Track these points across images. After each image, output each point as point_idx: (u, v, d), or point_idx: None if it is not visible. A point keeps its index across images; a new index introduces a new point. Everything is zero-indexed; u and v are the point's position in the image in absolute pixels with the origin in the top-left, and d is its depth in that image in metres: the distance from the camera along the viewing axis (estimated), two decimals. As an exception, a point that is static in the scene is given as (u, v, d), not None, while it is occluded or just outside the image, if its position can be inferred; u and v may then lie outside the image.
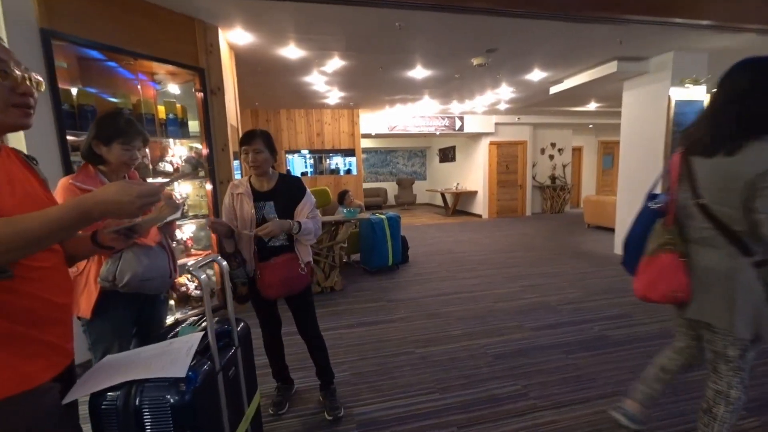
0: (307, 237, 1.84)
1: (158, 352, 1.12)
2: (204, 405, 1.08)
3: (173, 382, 1.02)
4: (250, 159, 1.77)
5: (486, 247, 6.17)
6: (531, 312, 3.33)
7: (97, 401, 1.01)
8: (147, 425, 1.01)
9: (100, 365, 1.10)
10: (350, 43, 4.01)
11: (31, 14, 2.29)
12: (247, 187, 1.85)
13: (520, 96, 6.93)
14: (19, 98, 0.81)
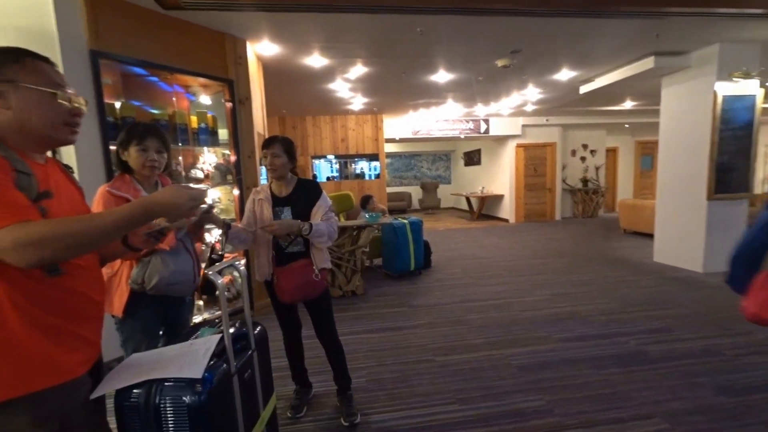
0: (319, 239, 1.83)
1: (178, 353, 1.16)
2: (219, 406, 1.11)
3: (190, 383, 1.05)
4: (268, 162, 1.83)
5: (512, 252, 6.00)
6: (559, 322, 3.20)
7: (121, 398, 1.06)
8: (165, 423, 1.05)
9: (125, 363, 1.16)
10: (372, 50, 4.05)
11: (82, 38, 2.49)
12: (268, 193, 1.91)
13: (548, 96, 6.73)
14: (71, 118, 0.92)
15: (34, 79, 0.84)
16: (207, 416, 1.06)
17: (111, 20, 2.62)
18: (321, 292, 1.91)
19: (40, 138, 0.88)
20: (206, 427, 1.06)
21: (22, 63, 0.84)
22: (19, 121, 0.83)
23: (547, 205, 9.68)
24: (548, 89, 6.15)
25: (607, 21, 3.43)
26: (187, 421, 1.05)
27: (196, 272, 1.70)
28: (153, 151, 1.57)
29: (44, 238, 0.75)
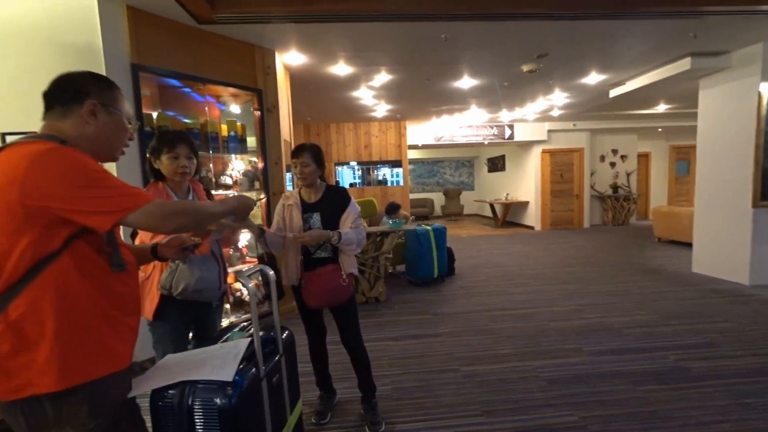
0: (349, 247, 1.87)
1: (210, 355, 1.19)
2: (248, 410, 1.12)
3: (221, 386, 1.07)
4: (298, 171, 1.87)
5: (538, 260, 5.83)
6: (591, 334, 3.06)
7: (157, 397, 1.09)
8: (197, 425, 1.07)
9: (160, 364, 1.20)
10: (397, 58, 4.08)
11: (125, 52, 2.64)
12: (297, 199, 1.94)
13: (575, 101, 6.55)
14: (127, 142, 1.07)
15: (121, 106, 1.02)
16: (237, 419, 1.07)
17: (150, 35, 2.76)
18: (348, 297, 1.91)
19: (103, 152, 1.01)
20: (236, 429, 1.08)
21: (112, 91, 1.01)
22: (98, 136, 0.97)
23: (574, 212, 9.38)
24: (576, 93, 6.00)
25: (639, 22, 3.32)
26: (218, 423, 1.06)
27: (221, 279, 1.74)
28: (183, 158, 1.61)
29: (185, 210, 0.98)
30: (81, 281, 0.88)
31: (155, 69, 2.81)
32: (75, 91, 0.95)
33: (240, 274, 1.26)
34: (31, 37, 2.48)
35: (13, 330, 0.83)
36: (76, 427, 0.87)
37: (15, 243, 0.82)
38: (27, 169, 0.80)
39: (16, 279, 0.82)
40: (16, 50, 2.48)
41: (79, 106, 0.94)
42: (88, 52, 2.52)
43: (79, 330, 0.87)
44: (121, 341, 0.96)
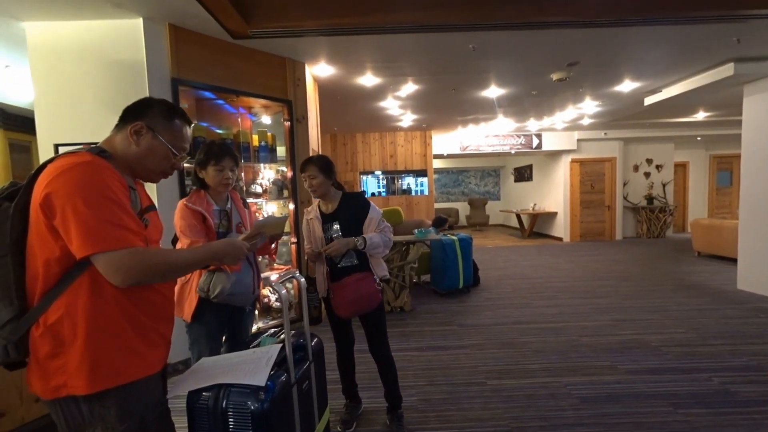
0: (376, 250, 1.86)
1: (242, 360, 1.22)
2: (279, 415, 1.14)
3: (254, 390, 1.10)
4: (307, 185, 1.90)
5: (568, 273, 5.63)
6: (625, 351, 2.92)
7: (193, 399, 1.13)
8: (231, 427, 1.10)
9: (195, 367, 1.24)
10: (424, 68, 4.11)
11: (166, 68, 2.81)
12: (317, 212, 1.97)
13: (607, 109, 6.36)
14: (170, 171, 1.10)
15: (168, 137, 1.03)
16: (269, 423, 1.10)
17: (189, 51, 2.92)
18: (376, 304, 1.91)
19: (141, 172, 1.06)
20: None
21: (170, 121, 1.03)
22: (138, 157, 1.01)
23: (606, 223, 9.03)
24: (608, 102, 5.82)
25: (678, 27, 3.20)
26: (251, 426, 1.09)
27: (255, 284, 1.80)
28: (228, 170, 1.71)
29: (149, 267, 0.92)
30: (110, 289, 0.90)
31: (193, 83, 2.97)
32: (135, 111, 1.01)
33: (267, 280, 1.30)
34: (84, 57, 2.68)
35: (51, 333, 0.88)
36: (107, 429, 0.91)
37: (51, 250, 0.87)
38: (53, 181, 0.85)
39: (52, 285, 0.88)
40: (70, 69, 2.69)
41: (129, 124, 1.00)
42: (133, 69, 2.69)
43: (109, 336, 0.91)
44: (150, 347, 0.98)
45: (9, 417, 1.92)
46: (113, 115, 2.74)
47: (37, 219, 0.87)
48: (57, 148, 2.69)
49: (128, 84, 2.69)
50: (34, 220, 0.88)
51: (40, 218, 0.86)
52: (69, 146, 2.66)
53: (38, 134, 2.71)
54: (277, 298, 3.53)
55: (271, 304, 3.52)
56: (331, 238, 1.91)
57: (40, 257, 0.87)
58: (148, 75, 2.70)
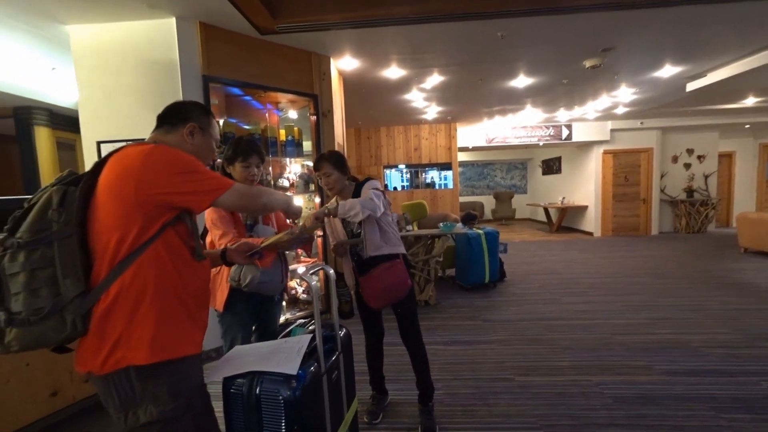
0: (349, 213, 1.69)
1: (274, 349, 1.26)
2: (310, 403, 1.17)
3: (286, 379, 1.13)
4: (323, 183, 1.89)
5: (599, 269, 5.43)
6: (662, 351, 2.79)
7: (228, 385, 1.18)
8: (264, 413, 1.14)
9: (230, 354, 1.29)
10: (450, 59, 4.03)
11: (197, 65, 2.89)
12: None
13: (643, 97, 6.02)
14: (210, 162, 1.26)
15: (213, 132, 1.20)
16: (300, 411, 1.13)
17: (218, 48, 2.99)
18: (406, 291, 1.89)
19: None
20: (299, 421, 1.13)
21: (210, 119, 1.19)
22: (193, 153, 1.12)
23: (640, 217, 8.62)
24: (645, 89, 5.51)
25: (728, 5, 2.97)
26: (283, 414, 1.12)
27: (284, 273, 1.85)
28: (254, 167, 1.75)
29: (261, 193, 1.18)
30: (171, 267, 0.99)
31: (223, 79, 3.04)
32: (182, 115, 1.13)
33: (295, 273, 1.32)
34: (123, 57, 2.80)
35: (115, 307, 0.94)
36: (158, 406, 0.96)
37: (130, 227, 0.94)
38: (141, 164, 0.95)
39: (119, 261, 0.94)
40: (111, 69, 2.82)
41: (182, 127, 1.11)
42: (167, 68, 2.79)
43: (169, 310, 0.99)
44: (195, 329, 1.05)
45: (61, 395, 2.08)
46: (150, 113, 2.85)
47: (119, 198, 0.94)
48: (99, 145, 2.84)
49: (163, 83, 2.80)
50: (111, 201, 0.95)
51: (126, 197, 0.94)
52: (110, 144, 2.82)
53: (82, 133, 2.87)
54: (304, 289, 3.61)
55: (298, 295, 3.60)
56: (352, 231, 1.91)
57: (115, 235, 0.94)
58: (181, 73, 2.79)
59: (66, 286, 0.91)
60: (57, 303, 0.90)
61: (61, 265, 0.90)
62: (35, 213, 0.90)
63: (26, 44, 3.03)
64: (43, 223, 0.90)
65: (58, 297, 0.90)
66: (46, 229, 0.90)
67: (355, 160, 8.05)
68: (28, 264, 0.88)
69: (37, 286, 0.88)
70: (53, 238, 0.90)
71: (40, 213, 0.90)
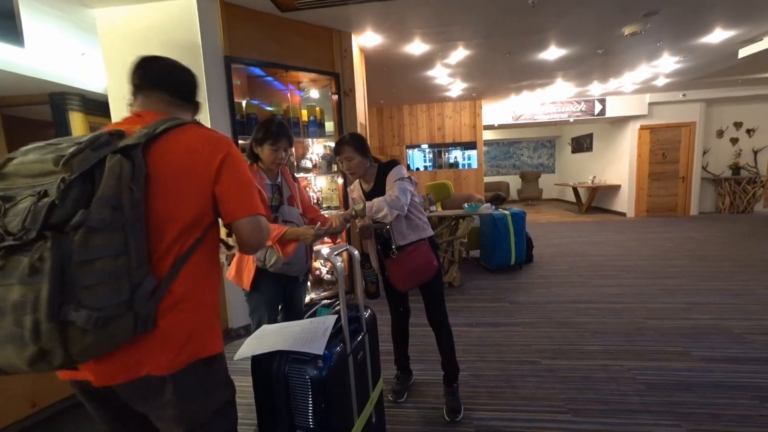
0: (378, 215, 1.68)
1: (301, 329, 1.26)
2: (336, 383, 1.18)
3: (313, 358, 1.13)
4: (345, 167, 1.85)
5: (632, 251, 5.20)
6: (700, 337, 2.66)
7: (257, 363, 1.20)
8: (292, 391, 1.15)
9: (258, 333, 1.31)
10: (477, 31, 3.83)
11: (219, 46, 2.87)
12: (359, 190, 1.94)
13: (688, 66, 5.56)
14: None
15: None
16: (326, 390, 1.14)
17: (239, 28, 2.96)
18: (433, 273, 1.87)
19: None
20: (326, 400, 1.14)
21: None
22: None
23: (679, 197, 8.14)
24: (690, 56, 5.08)
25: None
26: (310, 392, 1.13)
27: (307, 255, 1.87)
28: (282, 150, 1.76)
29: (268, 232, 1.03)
30: (215, 257, 0.98)
31: (244, 60, 3.01)
32: (191, 94, 1.07)
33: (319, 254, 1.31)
34: (148, 39, 2.82)
35: (183, 301, 0.87)
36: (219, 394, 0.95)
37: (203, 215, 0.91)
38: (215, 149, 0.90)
39: (184, 252, 0.87)
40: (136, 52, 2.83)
41: (194, 109, 1.06)
42: (190, 49, 2.78)
43: (212, 308, 0.96)
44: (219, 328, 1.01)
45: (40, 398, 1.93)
46: (175, 95, 2.72)
47: (195, 186, 0.88)
48: (128, 128, 2.90)
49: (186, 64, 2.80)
50: (184, 187, 0.86)
51: (206, 182, 0.89)
52: (138, 127, 2.88)
53: (112, 116, 2.94)
54: (329, 270, 3.66)
55: (322, 276, 3.65)
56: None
57: (182, 222, 0.86)
58: (203, 54, 2.78)
59: (141, 277, 0.79)
60: (139, 297, 0.78)
61: (136, 252, 0.77)
62: (108, 186, 0.73)
63: (57, 30, 3.10)
64: (116, 199, 0.74)
65: (139, 288, 0.78)
66: (120, 207, 0.75)
67: (378, 140, 7.95)
68: (109, 249, 0.73)
69: (120, 276, 0.75)
70: (127, 220, 0.76)
71: (113, 187, 0.74)
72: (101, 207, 0.72)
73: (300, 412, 1.15)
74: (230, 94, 2.93)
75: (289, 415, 1.15)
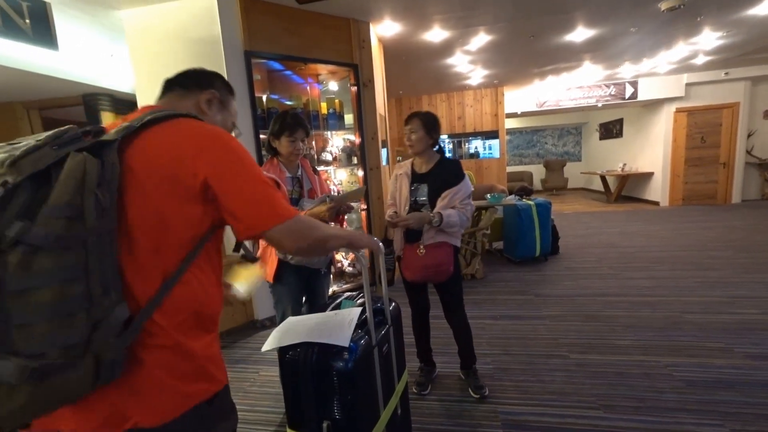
0: (451, 229, 1.80)
1: (326, 321, 1.26)
2: (362, 375, 1.17)
3: (339, 350, 1.13)
4: (406, 138, 1.85)
5: (667, 241, 4.95)
6: (745, 332, 2.50)
7: (283, 354, 1.21)
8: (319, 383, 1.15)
9: (283, 325, 1.31)
10: (499, 14, 3.69)
11: (239, 41, 2.89)
12: (409, 169, 1.92)
13: (732, 41, 5.17)
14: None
15: (233, 111, 1.01)
16: (352, 382, 1.13)
17: (258, 22, 2.96)
18: (446, 278, 1.86)
19: None
20: (352, 392, 1.13)
21: (231, 98, 1.00)
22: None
23: (719, 183, 7.65)
24: (734, 31, 4.71)
25: None
26: (336, 384, 1.13)
27: None
28: (299, 141, 1.77)
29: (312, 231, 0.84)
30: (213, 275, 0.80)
31: (264, 54, 3.02)
32: (201, 79, 0.93)
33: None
34: (171, 38, 2.86)
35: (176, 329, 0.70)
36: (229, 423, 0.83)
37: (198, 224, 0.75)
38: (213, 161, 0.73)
39: (175, 269, 0.71)
40: (161, 51, 2.90)
41: (199, 92, 0.90)
42: (211, 45, 2.81)
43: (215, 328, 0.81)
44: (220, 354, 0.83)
45: None
46: (197, 91, 2.74)
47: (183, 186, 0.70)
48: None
49: (207, 60, 2.83)
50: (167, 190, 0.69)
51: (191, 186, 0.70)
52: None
53: (140, 115, 3.03)
54: (350, 262, 3.67)
55: (344, 268, 3.67)
56: (416, 200, 1.87)
57: (168, 234, 0.69)
58: (224, 49, 2.81)
59: (107, 308, 0.60)
60: (102, 335, 0.59)
61: (101, 274, 0.59)
62: (65, 191, 0.56)
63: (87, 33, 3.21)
64: (74, 208, 0.57)
65: (102, 324, 0.59)
66: (80, 217, 0.57)
67: (397, 131, 7.87)
68: (57, 273, 0.55)
69: (72, 310, 0.56)
70: (89, 234, 0.58)
71: (72, 192, 0.57)
72: (51, 218, 0.55)
73: (327, 404, 1.15)
74: (251, 89, 2.95)
75: (316, 407, 1.16)
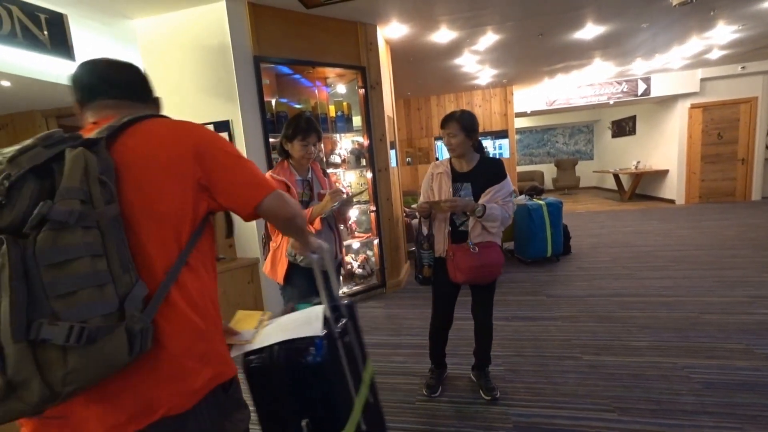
0: (492, 224, 1.77)
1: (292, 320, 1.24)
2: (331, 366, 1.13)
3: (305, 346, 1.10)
4: (446, 142, 1.84)
5: (684, 240, 4.83)
6: (766, 333, 2.42)
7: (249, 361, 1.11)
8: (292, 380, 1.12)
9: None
10: (507, 14, 3.67)
11: (248, 47, 2.93)
12: (447, 168, 1.90)
13: (747, 35, 5.03)
14: None
15: None
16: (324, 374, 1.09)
17: (266, 27, 3.00)
18: (496, 276, 1.86)
19: None
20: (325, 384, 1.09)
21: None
22: None
23: (737, 180, 7.44)
24: (750, 24, 4.59)
25: None
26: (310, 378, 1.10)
27: (337, 249, 1.89)
28: (311, 145, 1.79)
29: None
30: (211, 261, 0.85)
31: (272, 58, 3.06)
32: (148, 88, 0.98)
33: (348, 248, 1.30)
34: (182, 46, 2.92)
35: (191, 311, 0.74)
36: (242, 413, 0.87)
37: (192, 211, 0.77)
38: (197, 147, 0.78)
39: (176, 255, 0.74)
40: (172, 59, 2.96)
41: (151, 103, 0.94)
42: (221, 52, 2.86)
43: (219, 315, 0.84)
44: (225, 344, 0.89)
45: None
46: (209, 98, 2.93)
47: (176, 171, 0.73)
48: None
49: (218, 67, 2.89)
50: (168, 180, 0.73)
51: (185, 172, 0.74)
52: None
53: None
54: (360, 264, 3.68)
55: (354, 270, 3.68)
56: (459, 196, 1.86)
57: (167, 219, 0.72)
58: (233, 55, 2.85)
59: (129, 284, 0.63)
60: (129, 307, 0.62)
61: (118, 255, 0.63)
62: (74, 177, 0.60)
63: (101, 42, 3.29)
64: (83, 192, 0.60)
65: (128, 297, 0.62)
66: (89, 201, 0.61)
67: (405, 132, 7.88)
68: (85, 248, 0.58)
69: (103, 281, 0.60)
70: (101, 216, 0.62)
71: (80, 179, 0.60)
72: (68, 198, 0.58)
73: (302, 401, 1.12)
74: (260, 94, 2.99)
75: (293, 406, 1.13)
